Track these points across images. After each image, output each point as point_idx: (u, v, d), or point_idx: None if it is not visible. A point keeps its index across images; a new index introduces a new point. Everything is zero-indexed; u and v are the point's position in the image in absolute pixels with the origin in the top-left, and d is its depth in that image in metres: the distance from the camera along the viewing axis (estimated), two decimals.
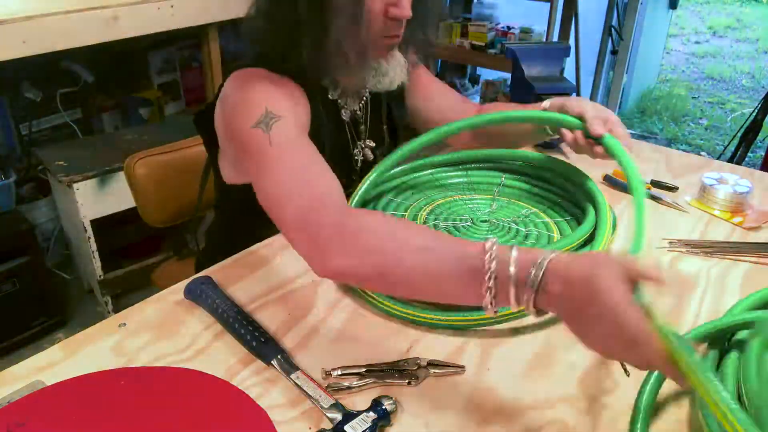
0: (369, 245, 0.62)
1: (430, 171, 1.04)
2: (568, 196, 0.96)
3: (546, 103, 0.90)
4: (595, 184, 0.91)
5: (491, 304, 0.54)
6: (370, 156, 0.99)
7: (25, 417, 0.58)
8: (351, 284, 0.75)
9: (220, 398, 0.61)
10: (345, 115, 0.95)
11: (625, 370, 0.62)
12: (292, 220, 0.68)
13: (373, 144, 0.99)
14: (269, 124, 0.75)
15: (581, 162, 0.96)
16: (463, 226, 0.90)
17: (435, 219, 0.91)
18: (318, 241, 0.65)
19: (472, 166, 1.05)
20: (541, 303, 0.52)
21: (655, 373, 0.60)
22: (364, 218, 0.66)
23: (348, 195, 0.85)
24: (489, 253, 0.54)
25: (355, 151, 0.97)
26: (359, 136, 0.97)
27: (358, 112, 0.97)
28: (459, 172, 1.04)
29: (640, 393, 0.59)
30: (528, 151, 1.04)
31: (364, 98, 0.97)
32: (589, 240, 0.81)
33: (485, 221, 0.91)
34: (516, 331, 0.72)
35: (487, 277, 0.54)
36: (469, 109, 1.04)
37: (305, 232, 0.67)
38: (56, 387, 0.62)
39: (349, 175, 0.97)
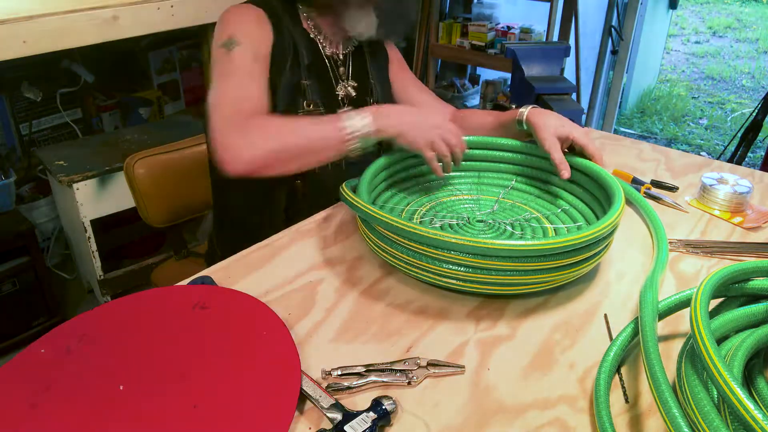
0: (264, 136, 0.85)
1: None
2: (580, 206, 0.93)
3: (523, 111, 0.98)
4: (621, 200, 0.80)
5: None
6: (352, 93, 1.10)
7: (83, 332, 0.66)
8: (255, 174, 0.87)
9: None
10: (327, 50, 1.07)
11: (625, 395, 0.62)
12: (216, 125, 0.88)
13: (355, 83, 1.10)
14: (231, 47, 0.95)
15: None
16: (458, 224, 0.90)
17: (433, 215, 0.91)
18: (227, 144, 0.85)
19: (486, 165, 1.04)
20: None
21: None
22: (263, 119, 0.89)
23: None
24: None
25: (338, 88, 1.09)
26: (341, 76, 1.09)
27: (339, 55, 1.09)
28: (472, 172, 1.03)
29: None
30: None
31: (349, 47, 1.10)
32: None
33: (481, 221, 0.91)
34: (516, 331, 0.72)
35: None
36: (446, 113, 1.18)
37: (221, 136, 0.86)
38: (114, 303, 0.70)
39: (335, 110, 1.08)
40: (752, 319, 0.63)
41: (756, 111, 2.46)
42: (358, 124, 0.87)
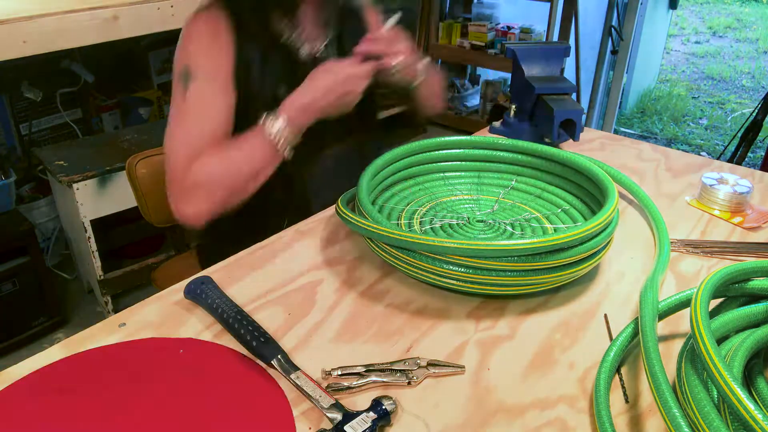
0: (206, 191, 0.90)
1: (441, 171, 1.03)
2: (580, 206, 0.93)
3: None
4: (615, 199, 0.80)
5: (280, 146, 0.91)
6: None
7: (62, 382, 0.62)
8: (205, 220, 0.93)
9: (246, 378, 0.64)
10: (302, 55, 1.01)
11: (625, 395, 0.62)
12: (168, 181, 0.93)
13: None
14: (186, 83, 0.93)
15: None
16: (458, 224, 0.90)
17: (433, 215, 0.91)
18: (170, 196, 0.92)
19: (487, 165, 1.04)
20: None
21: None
22: (198, 170, 0.90)
23: (317, 146, 1.03)
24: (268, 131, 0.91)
25: None
26: None
27: (321, 51, 1.03)
28: (472, 172, 1.03)
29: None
30: (558, 151, 0.97)
31: (327, 38, 1.04)
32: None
33: (481, 221, 0.91)
34: (516, 331, 0.72)
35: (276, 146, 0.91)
36: None
37: (172, 202, 0.92)
38: (91, 353, 0.66)
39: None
40: (752, 319, 0.63)
41: (756, 111, 2.47)
42: (279, 125, 0.89)
